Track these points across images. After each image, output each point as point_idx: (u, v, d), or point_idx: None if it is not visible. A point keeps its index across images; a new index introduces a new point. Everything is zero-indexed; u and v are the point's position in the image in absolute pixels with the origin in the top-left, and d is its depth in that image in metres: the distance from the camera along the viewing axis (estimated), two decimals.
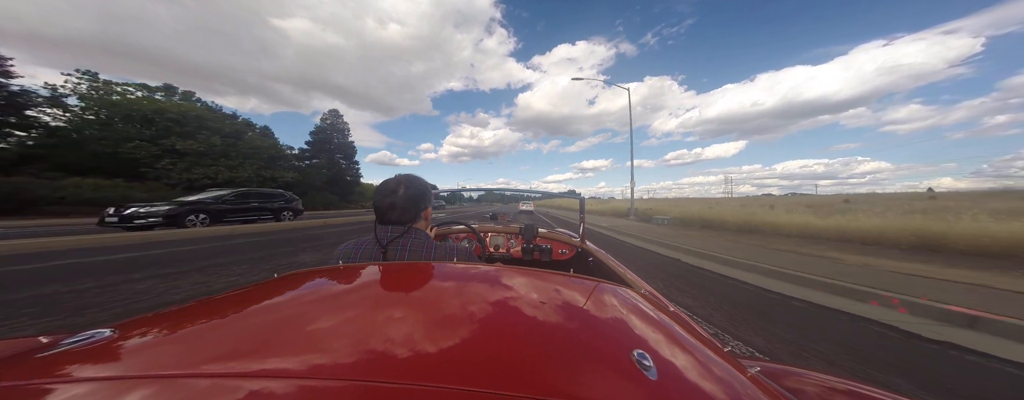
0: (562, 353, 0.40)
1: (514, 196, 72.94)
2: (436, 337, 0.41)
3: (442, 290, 0.59)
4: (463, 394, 0.31)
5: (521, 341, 0.43)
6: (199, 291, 3.30)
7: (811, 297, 3.39)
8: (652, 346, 0.46)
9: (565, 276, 0.71)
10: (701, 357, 0.49)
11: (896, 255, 5.46)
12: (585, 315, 0.55)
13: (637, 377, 0.38)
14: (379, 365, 0.35)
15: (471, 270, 0.68)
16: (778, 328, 2.59)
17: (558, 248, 2.01)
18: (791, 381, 0.61)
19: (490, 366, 0.37)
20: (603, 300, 0.61)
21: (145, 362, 0.38)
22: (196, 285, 3.48)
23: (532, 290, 0.60)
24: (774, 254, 5.54)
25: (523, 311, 0.52)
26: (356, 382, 0.32)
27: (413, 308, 0.50)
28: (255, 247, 6.21)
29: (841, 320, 2.80)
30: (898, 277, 3.83)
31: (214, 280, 3.70)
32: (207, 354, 0.38)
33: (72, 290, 3.18)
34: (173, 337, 0.44)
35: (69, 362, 0.39)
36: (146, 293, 3.14)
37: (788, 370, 0.67)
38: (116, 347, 0.41)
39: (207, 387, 0.31)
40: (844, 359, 2.09)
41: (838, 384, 0.62)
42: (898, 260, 4.96)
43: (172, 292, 3.20)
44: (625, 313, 0.58)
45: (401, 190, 0.97)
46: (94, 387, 0.33)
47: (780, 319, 2.80)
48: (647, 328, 0.54)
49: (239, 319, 0.49)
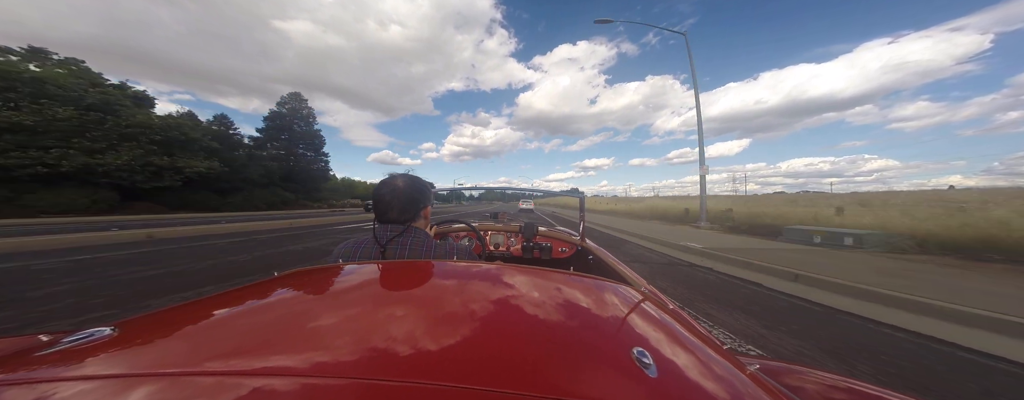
0: (562, 351, 0.40)
1: (515, 195, 68.97)
2: (436, 335, 0.41)
3: (442, 288, 0.59)
4: (464, 392, 0.31)
5: (521, 339, 0.43)
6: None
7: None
8: (652, 344, 0.46)
9: (565, 274, 0.71)
10: (701, 355, 0.49)
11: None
12: (585, 313, 0.55)
13: (637, 375, 0.38)
14: (380, 363, 0.35)
15: (471, 268, 0.68)
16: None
17: (558, 246, 2.02)
18: (790, 379, 0.61)
19: (490, 364, 0.37)
20: (603, 298, 0.62)
21: (145, 360, 0.38)
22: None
23: (532, 288, 0.60)
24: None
25: (523, 309, 0.52)
26: (357, 380, 0.32)
27: (413, 306, 0.50)
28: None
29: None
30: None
31: None
32: (207, 352, 0.38)
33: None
34: (173, 335, 0.44)
35: (70, 360, 0.39)
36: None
37: (787, 368, 0.66)
38: (117, 345, 0.41)
39: (208, 385, 0.31)
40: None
41: (837, 382, 0.61)
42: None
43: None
44: (625, 311, 0.58)
45: (401, 188, 0.97)
46: (95, 385, 0.32)
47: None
48: (647, 326, 0.54)
49: (239, 317, 0.49)
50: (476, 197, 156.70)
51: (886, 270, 4.34)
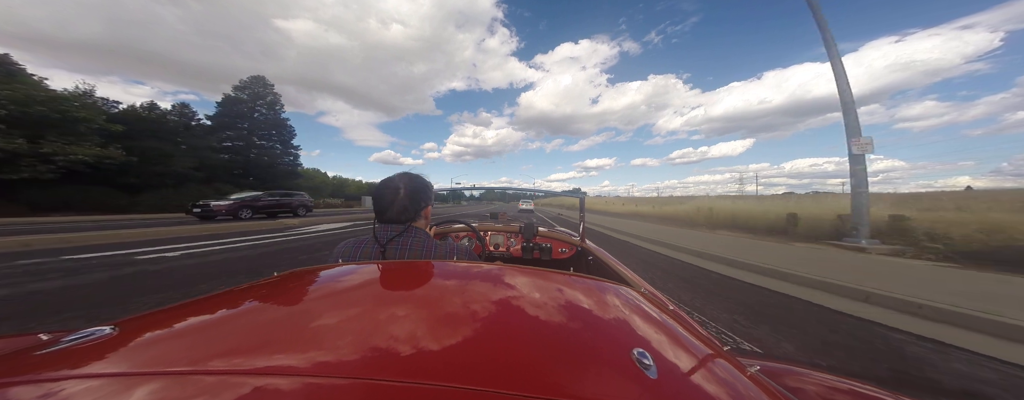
0: (563, 352, 0.40)
1: (516, 195, 69.10)
2: (436, 336, 0.41)
3: (442, 289, 0.59)
4: (463, 392, 0.31)
5: (521, 340, 0.43)
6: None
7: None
8: (652, 345, 0.46)
9: (565, 275, 0.70)
10: (701, 356, 0.48)
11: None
12: (585, 314, 0.55)
13: (637, 376, 0.37)
14: (379, 363, 0.35)
15: (471, 269, 0.68)
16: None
17: (558, 247, 2.00)
18: (791, 380, 0.60)
19: (490, 365, 0.37)
20: (603, 299, 0.61)
21: (145, 359, 0.38)
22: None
23: (532, 289, 0.60)
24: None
25: (523, 310, 0.52)
26: (356, 380, 0.32)
27: (413, 307, 0.50)
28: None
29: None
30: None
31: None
32: (207, 351, 0.38)
33: None
34: (173, 334, 0.44)
35: (70, 359, 0.39)
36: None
37: (788, 369, 0.65)
38: (117, 344, 0.41)
39: (207, 384, 0.31)
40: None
41: (838, 383, 0.61)
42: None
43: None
44: (625, 312, 0.58)
45: (401, 188, 0.96)
46: (95, 384, 0.32)
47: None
48: (647, 327, 0.54)
49: (239, 316, 0.49)
50: (477, 197, 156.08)
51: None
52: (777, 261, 5.00)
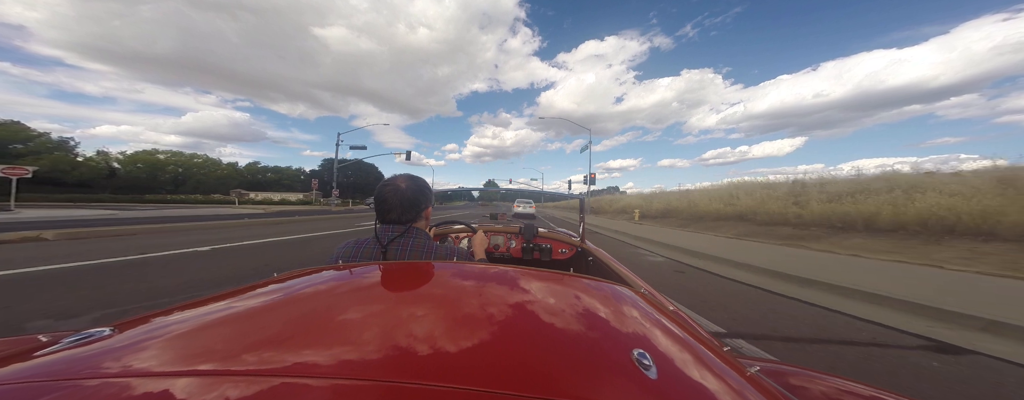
0: (562, 352, 0.41)
1: (517, 195, 64.68)
2: (436, 336, 0.41)
3: (443, 289, 0.60)
4: (462, 392, 0.31)
5: (522, 340, 0.43)
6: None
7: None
8: (652, 345, 0.46)
9: (565, 275, 0.71)
10: (701, 356, 0.48)
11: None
12: (586, 314, 0.55)
13: (637, 376, 0.37)
14: (379, 363, 0.36)
15: (473, 271, 0.68)
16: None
17: (558, 248, 1.99)
18: (790, 380, 0.60)
19: (491, 365, 0.37)
20: (604, 299, 0.61)
21: (144, 360, 0.38)
22: None
23: (533, 290, 0.60)
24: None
25: (523, 311, 0.52)
26: (356, 380, 0.32)
27: (415, 307, 0.51)
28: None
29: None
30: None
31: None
32: (205, 352, 0.38)
33: None
34: (171, 335, 0.44)
35: (69, 360, 0.39)
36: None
37: (788, 370, 0.65)
38: (116, 345, 0.42)
39: (206, 384, 0.32)
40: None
41: (837, 384, 0.61)
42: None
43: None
44: (625, 312, 0.58)
45: (402, 189, 0.97)
46: (94, 384, 0.33)
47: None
48: (647, 327, 0.54)
49: (238, 317, 0.49)
50: (476, 198, 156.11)
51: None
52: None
